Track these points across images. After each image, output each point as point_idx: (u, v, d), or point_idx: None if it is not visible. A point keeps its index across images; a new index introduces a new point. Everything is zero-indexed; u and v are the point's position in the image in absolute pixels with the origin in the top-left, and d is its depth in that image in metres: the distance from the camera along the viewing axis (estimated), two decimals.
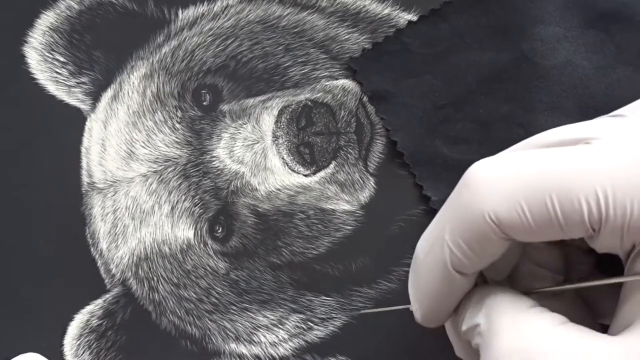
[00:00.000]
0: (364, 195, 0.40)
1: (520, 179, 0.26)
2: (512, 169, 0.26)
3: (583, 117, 0.38)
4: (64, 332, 0.39)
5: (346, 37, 0.42)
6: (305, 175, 0.40)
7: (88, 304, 0.40)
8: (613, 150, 0.26)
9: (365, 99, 0.41)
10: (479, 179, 0.27)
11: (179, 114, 0.41)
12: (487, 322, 0.27)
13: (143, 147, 0.41)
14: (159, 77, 0.42)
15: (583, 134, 0.27)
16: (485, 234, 0.26)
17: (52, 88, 0.43)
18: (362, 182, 0.40)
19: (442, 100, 0.40)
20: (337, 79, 0.41)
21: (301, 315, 0.39)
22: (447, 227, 0.27)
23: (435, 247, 0.28)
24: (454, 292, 0.29)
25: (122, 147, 0.41)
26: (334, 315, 0.38)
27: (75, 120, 0.42)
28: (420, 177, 0.39)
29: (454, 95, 0.40)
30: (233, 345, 0.39)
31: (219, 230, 0.40)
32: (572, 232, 0.26)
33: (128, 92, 0.42)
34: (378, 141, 0.40)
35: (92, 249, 0.40)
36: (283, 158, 0.40)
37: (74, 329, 0.39)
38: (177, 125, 0.41)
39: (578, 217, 0.25)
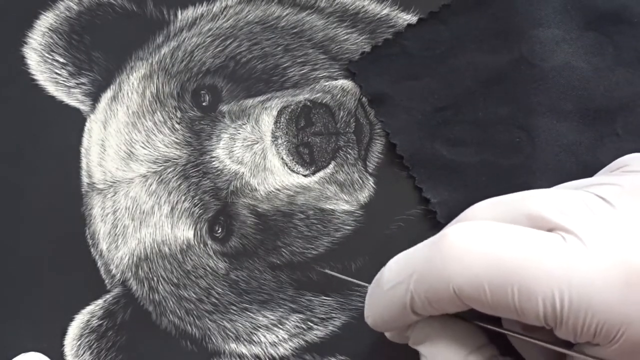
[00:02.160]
0: (363, 195, 0.40)
1: (489, 261, 0.27)
2: (484, 248, 0.27)
3: (582, 119, 0.38)
4: (64, 333, 0.39)
5: (345, 37, 0.42)
6: (305, 176, 0.40)
7: (88, 305, 0.40)
8: (583, 256, 0.26)
9: (364, 99, 0.41)
10: (453, 248, 0.28)
11: (179, 114, 0.41)
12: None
13: (142, 147, 0.41)
14: (158, 77, 0.42)
15: (564, 222, 0.28)
16: (447, 299, 0.28)
17: (52, 89, 0.43)
18: (361, 182, 0.40)
19: (441, 102, 0.40)
20: (336, 80, 0.41)
21: (301, 315, 0.39)
22: (414, 278, 0.29)
23: (400, 288, 0.29)
24: (406, 322, 0.31)
25: (121, 148, 0.41)
26: (333, 315, 0.39)
27: (74, 121, 0.42)
28: (420, 180, 0.39)
29: (453, 97, 0.40)
30: (233, 345, 0.39)
31: (219, 231, 0.40)
32: (528, 321, 0.27)
33: (127, 93, 0.42)
34: (377, 141, 0.40)
35: (92, 250, 0.41)
36: (282, 158, 0.40)
37: (74, 329, 0.39)
38: (177, 126, 0.41)
39: (534, 314, 0.27)
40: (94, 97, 0.42)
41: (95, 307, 0.40)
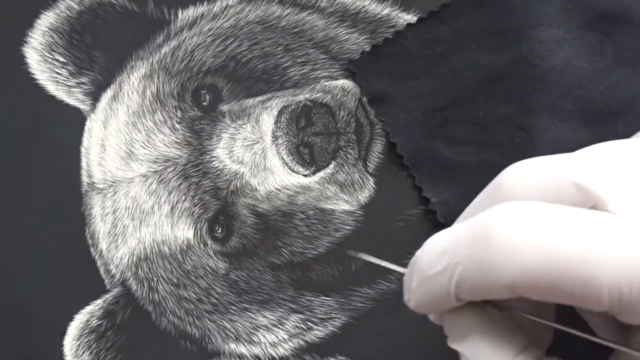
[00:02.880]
0: (364, 196, 0.40)
1: (543, 253, 0.25)
2: (536, 238, 0.25)
3: (583, 118, 0.38)
4: (63, 333, 0.39)
5: (346, 37, 0.42)
6: (305, 176, 0.40)
7: (88, 304, 0.40)
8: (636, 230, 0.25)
9: (364, 99, 0.41)
10: (501, 239, 0.26)
11: (179, 114, 0.41)
12: None
13: (143, 147, 0.41)
14: (158, 77, 0.42)
15: (617, 196, 0.26)
16: (497, 290, 0.26)
17: (52, 88, 0.43)
18: (361, 182, 0.40)
19: (441, 102, 0.40)
20: (336, 79, 0.41)
21: (301, 316, 0.39)
22: (459, 268, 0.27)
23: (443, 276, 0.27)
24: (449, 307, 0.29)
25: (121, 147, 0.41)
26: (333, 315, 0.39)
27: (75, 121, 0.42)
28: (420, 179, 0.39)
29: (453, 97, 0.40)
30: (233, 346, 0.39)
31: (219, 231, 0.40)
32: (589, 308, 0.26)
33: (128, 93, 0.42)
34: (378, 141, 0.40)
35: (91, 250, 0.41)
36: (283, 158, 0.40)
37: (73, 329, 0.39)
38: (177, 126, 0.41)
39: (597, 303, 0.25)
40: (94, 97, 0.42)
41: (94, 307, 0.40)
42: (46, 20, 0.43)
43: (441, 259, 0.28)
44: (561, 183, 0.27)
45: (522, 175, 0.28)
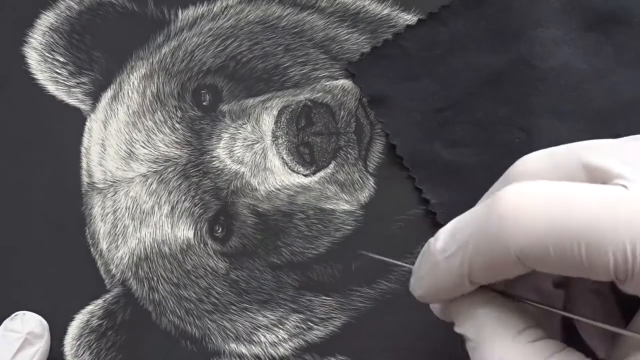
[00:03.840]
0: (364, 195, 0.40)
1: (551, 221, 0.26)
2: (544, 208, 0.26)
3: (582, 119, 0.38)
4: (64, 332, 0.39)
5: (346, 37, 0.42)
6: (305, 175, 0.40)
7: (88, 304, 0.40)
8: None
9: (364, 99, 0.41)
10: (509, 211, 0.26)
11: (179, 114, 0.41)
12: (477, 340, 0.28)
13: (143, 147, 0.41)
14: (158, 77, 0.42)
15: (626, 172, 0.26)
16: (508, 264, 0.27)
17: (52, 88, 0.43)
18: (361, 182, 0.40)
19: (440, 103, 0.40)
20: (336, 79, 0.41)
21: (301, 315, 0.39)
22: (470, 247, 0.27)
23: (455, 258, 0.28)
24: (460, 291, 0.29)
25: (122, 147, 0.41)
26: (333, 315, 0.39)
27: (75, 121, 0.42)
28: (420, 181, 0.39)
29: (452, 98, 0.40)
30: (233, 345, 0.39)
31: (219, 230, 0.40)
32: (596, 277, 0.26)
33: (128, 92, 0.42)
34: (377, 141, 0.40)
35: (92, 249, 0.41)
36: (283, 158, 0.40)
37: (74, 329, 0.39)
38: (177, 126, 0.41)
39: (604, 268, 0.25)
40: (95, 97, 0.42)
41: (95, 307, 0.40)
42: (46, 20, 0.43)
43: (452, 242, 0.28)
44: (570, 166, 0.28)
45: (531, 162, 0.29)
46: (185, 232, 0.40)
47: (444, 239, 0.28)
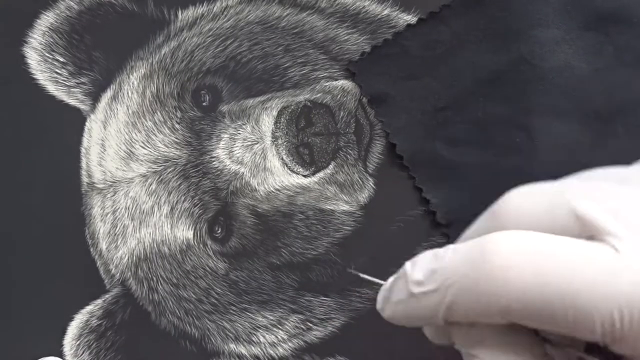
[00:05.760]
0: (363, 196, 0.40)
1: (542, 283, 0.25)
2: (535, 268, 0.25)
3: (582, 119, 0.38)
4: (63, 333, 0.39)
5: (346, 37, 0.42)
6: (305, 176, 0.40)
7: (88, 304, 0.40)
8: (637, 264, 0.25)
9: (364, 100, 0.41)
10: (500, 266, 0.26)
11: (179, 114, 0.41)
12: None
13: (142, 147, 0.41)
14: (158, 77, 0.42)
15: (615, 228, 0.26)
16: (492, 316, 0.26)
17: (52, 88, 0.43)
18: (361, 182, 0.40)
19: (441, 102, 0.40)
20: (336, 80, 0.41)
21: (300, 316, 0.39)
22: (453, 290, 0.27)
23: (433, 297, 0.27)
24: (430, 325, 0.29)
25: (121, 148, 0.41)
26: (333, 315, 0.39)
27: (74, 121, 0.42)
28: (420, 180, 0.39)
29: (453, 97, 0.40)
30: (232, 346, 0.39)
31: (219, 231, 0.40)
32: (583, 338, 0.26)
33: (128, 93, 0.42)
34: (377, 142, 0.40)
35: (91, 250, 0.41)
36: (282, 159, 0.40)
37: (73, 329, 0.39)
38: (177, 126, 0.41)
39: (590, 334, 0.25)
40: (94, 97, 0.42)
41: (94, 307, 0.40)
42: (46, 20, 0.44)
43: (431, 279, 0.27)
44: (559, 212, 0.27)
45: (520, 203, 0.28)
46: (184, 232, 0.40)
47: (423, 272, 0.28)
